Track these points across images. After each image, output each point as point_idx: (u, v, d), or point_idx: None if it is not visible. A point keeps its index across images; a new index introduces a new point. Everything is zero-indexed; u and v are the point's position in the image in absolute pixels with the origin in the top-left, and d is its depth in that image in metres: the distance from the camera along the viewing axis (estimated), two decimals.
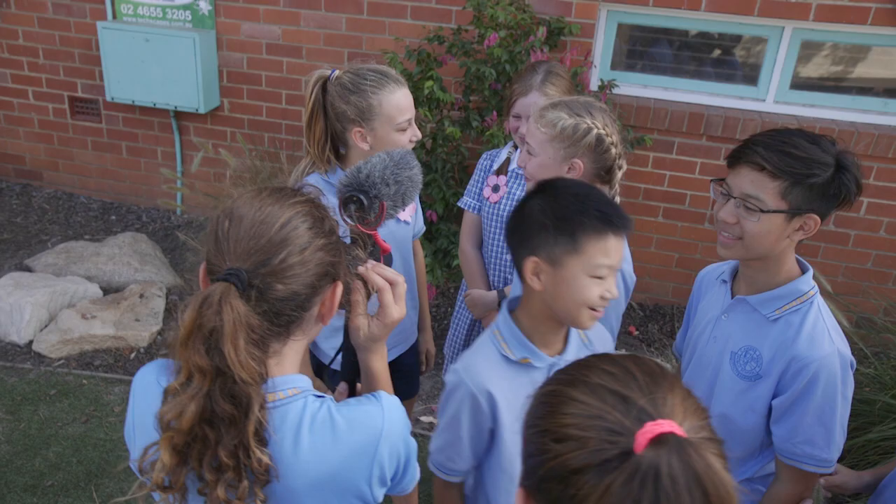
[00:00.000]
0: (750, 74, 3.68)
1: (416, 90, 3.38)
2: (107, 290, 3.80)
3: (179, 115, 4.34)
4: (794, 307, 1.47)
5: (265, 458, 0.96)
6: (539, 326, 1.39)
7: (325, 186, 1.87)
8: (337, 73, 1.79)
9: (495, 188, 2.23)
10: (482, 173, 2.30)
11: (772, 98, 3.64)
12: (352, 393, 1.28)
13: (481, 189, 2.28)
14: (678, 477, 0.64)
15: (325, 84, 1.80)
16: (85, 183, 4.75)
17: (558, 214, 1.29)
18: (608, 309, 1.65)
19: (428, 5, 3.75)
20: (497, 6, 3.27)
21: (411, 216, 2.02)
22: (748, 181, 1.41)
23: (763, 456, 1.59)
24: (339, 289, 1.08)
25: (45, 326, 3.46)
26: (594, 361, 0.77)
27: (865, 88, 3.60)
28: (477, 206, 2.29)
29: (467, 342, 2.43)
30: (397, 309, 1.17)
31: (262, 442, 0.97)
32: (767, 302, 1.49)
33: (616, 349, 2.98)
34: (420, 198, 3.58)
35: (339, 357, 1.29)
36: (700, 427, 0.71)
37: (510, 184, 2.20)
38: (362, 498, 1.06)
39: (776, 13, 3.42)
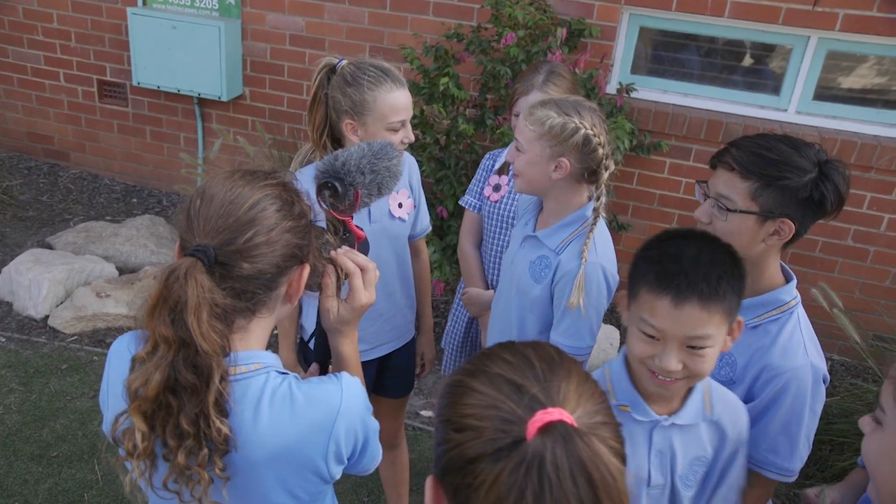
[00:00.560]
0: (772, 83, 3.63)
1: (431, 86, 3.40)
2: (122, 271, 3.88)
3: (203, 101, 4.41)
4: (773, 316, 1.47)
5: (224, 428, 0.99)
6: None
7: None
8: (344, 62, 1.80)
9: (496, 187, 2.23)
10: (484, 173, 2.31)
11: (794, 108, 3.59)
12: (323, 374, 1.31)
13: (482, 188, 2.29)
14: (562, 465, 0.65)
15: (330, 72, 1.82)
16: (109, 165, 4.85)
17: (648, 255, 1.26)
18: (587, 304, 1.66)
19: (450, 2, 3.76)
20: (516, 6, 3.27)
21: (408, 213, 2.01)
22: (721, 181, 1.43)
23: None
24: (306, 271, 1.11)
25: (62, 303, 3.55)
26: (496, 351, 0.79)
27: (891, 102, 3.52)
28: (477, 206, 2.30)
29: (465, 339, 2.44)
30: (366, 294, 1.19)
31: (223, 413, 1.00)
32: (748, 309, 1.48)
33: None
34: (428, 196, 3.60)
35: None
36: (595, 412, 0.72)
37: (511, 183, 2.20)
38: (319, 474, 1.09)
39: (802, 22, 3.37)
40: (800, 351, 1.43)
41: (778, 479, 1.48)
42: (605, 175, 1.65)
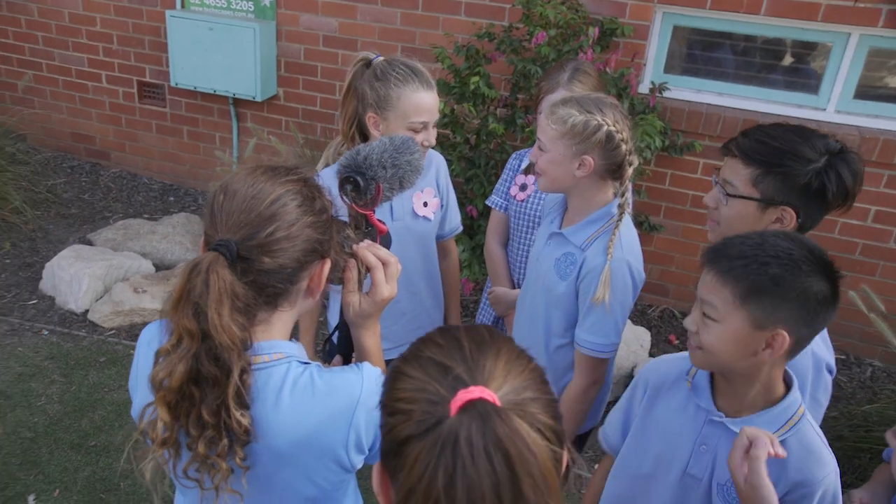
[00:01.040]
0: (810, 82, 3.55)
1: (462, 85, 3.41)
2: (159, 267, 3.98)
3: (238, 102, 4.49)
4: None
5: (244, 420, 1.01)
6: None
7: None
8: (380, 59, 1.84)
9: (523, 187, 2.23)
10: (510, 172, 2.31)
11: (833, 107, 3.50)
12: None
13: (509, 188, 2.29)
14: (477, 442, 0.66)
15: (366, 65, 1.86)
16: (148, 164, 4.97)
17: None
18: (613, 300, 1.66)
19: (481, 2, 3.77)
20: (547, 5, 3.26)
21: (434, 212, 2.02)
22: (728, 167, 1.46)
23: None
24: (327, 265, 1.12)
25: (100, 297, 3.65)
26: (432, 335, 0.80)
27: None
28: (504, 205, 2.30)
29: None
30: (388, 288, 1.20)
31: (244, 405, 1.02)
32: None
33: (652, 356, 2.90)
34: (458, 195, 3.61)
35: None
36: (523, 388, 0.72)
37: (538, 182, 2.20)
38: (339, 462, 1.10)
39: (842, 18, 3.29)
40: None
41: None
42: (630, 171, 1.65)
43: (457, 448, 0.66)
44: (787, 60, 3.60)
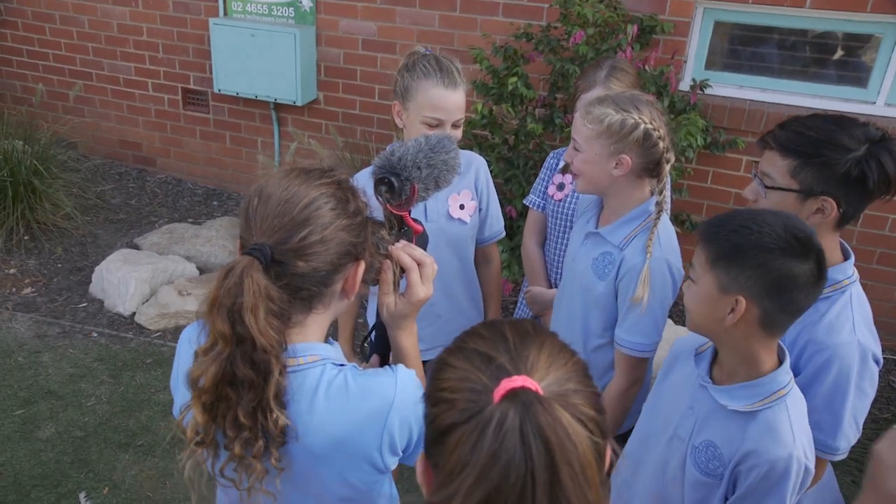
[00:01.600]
0: (858, 75, 3.44)
1: (500, 86, 3.41)
2: (203, 270, 4.06)
3: (279, 107, 4.56)
4: (825, 294, 1.45)
5: (283, 419, 1.02)
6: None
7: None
8: (427, 52, 1.86)
9: (560, 186, 2.22)
10: (548, 172, 2.29)
11: (883, 100, 3.39)
12: (383, 366, 1.31)
13: (546, 187, 2.27)
14: (517, 427, 0.66)
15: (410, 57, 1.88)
16: (192, 170, 5.08)
17: None
18: (652, 299, 1.64)
19: (519, 3, 3.76)
20: (585, 3, 3.23)
21: (470, 215, 2.00)
22: (766, 160, 1.44)
23: None
24: (362, 267, 1.13)
25: (147, 300, 3.75)
26: (476, 328, 0.80)
27: None
28: (542, 204, 2.28)
29: None
30: (423, 288, 1.20)
31: (282, 405, 1.03)
32: None
33: None
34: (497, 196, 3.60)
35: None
36: (565, 380, 0.72)
37: (575, 184, 2.18)
38: (373, 464, 1.11)
39: (893, 9, 3.19)
40: (846, 328, 1.42)
41: (820, 456, 1.46)
42: (667, 168, 1.62)
43: (496, 432, 0.67)
44: (834, 53, 3.50)
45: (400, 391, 1.10)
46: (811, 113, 1.49)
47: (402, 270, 1.22)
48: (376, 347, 1.34)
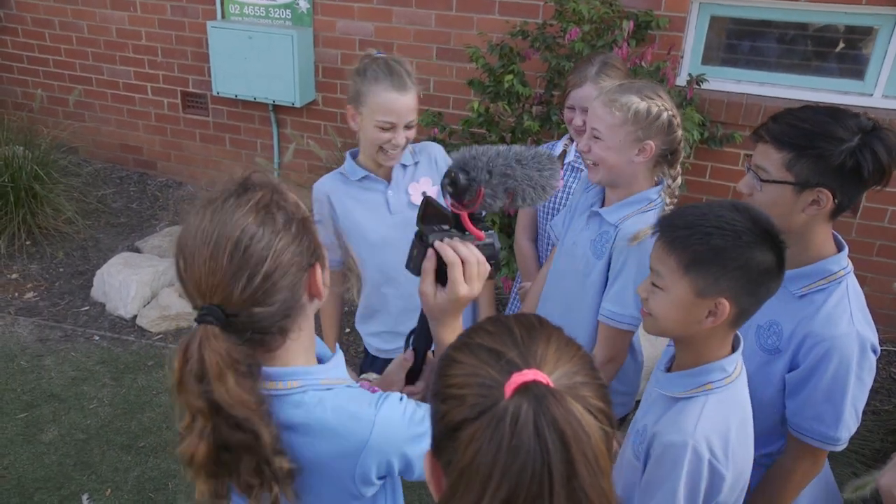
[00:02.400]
0: (855, 68, 3.44)
1: (496, 84, 3.41)
2: None
3: (277, 108, 4.58)
4: (820, 286, 1.46)
5: (286, 465, 1.00)
6: None
7: (336, 175, 1.99)
8: (381, 55, 1.86)
9: None
10: None
11: (880, 92, 3.39)
12: (420, 361, 1.29)
13: None
14: (531, 421, 0.66)
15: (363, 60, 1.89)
16: (192, 173, 5.10)
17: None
18: (638, 272, 1.66)
19: (515, 1, 3.76)
20: (580, 0, 3.23)
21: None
22: (759, 153, 1.44)
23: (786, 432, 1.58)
24: (319, 271, 1.08)
25: (148, 303, 3.76)
26: (482, 323, 0.80)
27: None
28: None
29: None
30: (465, 287, 1.14)
31: (281, 451, 1.00)
32: (794, 279, 1.48)
33: None
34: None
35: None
36: (574, 373, 0.72)
37: (566, 177, 2.19)
38: (349, 492, 1.08)
39: (888, 0, 3.18)
40: (844, 319, 1.42)
41: (822, 447, 1.47)
42: (682, 156, 1.67)
43: (511, 427, 0.67)
44: (830, 46, 3.49)
45: (376, 434, 1.05)
46: (803, 105, 1.49)
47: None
48: (415, 341, 1.30)
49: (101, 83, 5.06)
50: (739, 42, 3.62)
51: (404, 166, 1.98)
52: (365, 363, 2.20)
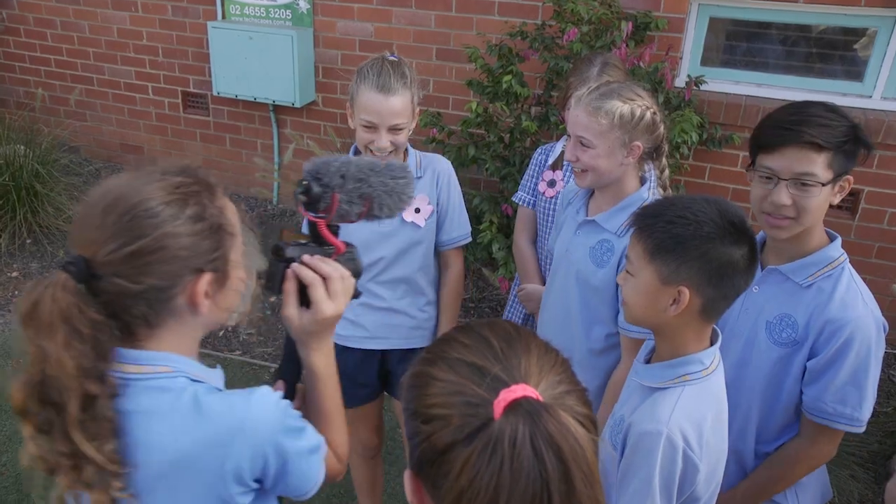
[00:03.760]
0: (854, 69, 3.44)
1: (495, 84, 3.42)
2: None
3: (277, 108, 4.59)
4: (826, 273, 1.49)
5: (96, 454, 0.92)
6: None
7: None
8: (392, 58, 1.86)
9: (551, 183, 2.22)
10: (537, 168, 2.30)
11: (879, 94, 3.39)
12: (290, 392, 1.21)
13: (536, 184, 2.28)
14: (530, 441, 0.65)
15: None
16: None
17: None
18: None
19: (515, 1, 3.77)
20: (579, 0, 3.24)
21: (425, 219, 1.98)
22: (797, 160, 1.42)
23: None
24: (204, 280, 1.00)
25: None
26: (453, 335, 0.78)
27: None
28: (531, 201, 2.29)
29: None
30: (331, 305, 1.09)
31: (99, 436, 0.93)
32: (800, 269, 1.51)
33: None
34: (494, 194, 3.61)
35: None
36: (558, 382, 0.71)
37: (566, 178, 2.19)
38: (218, 495, 0.99)
39: (887, 2, 3.18)
40: (858, 302, 1.46)
41: (848, 429, 1.50)
42: (666, 148, 1.70)
43: (510, 450, 0.65)
44: (829, 48, 3.49)
45: (251, 417, 0.98)
46: (788, 104, 1.51)
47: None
48: (281, 372, 1.22)
49: (103, 83, 5.07)
50: (738, 43, 3.62)
51: None
52: None
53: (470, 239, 2.11)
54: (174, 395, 0.98)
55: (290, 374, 1.21)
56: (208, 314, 1.03)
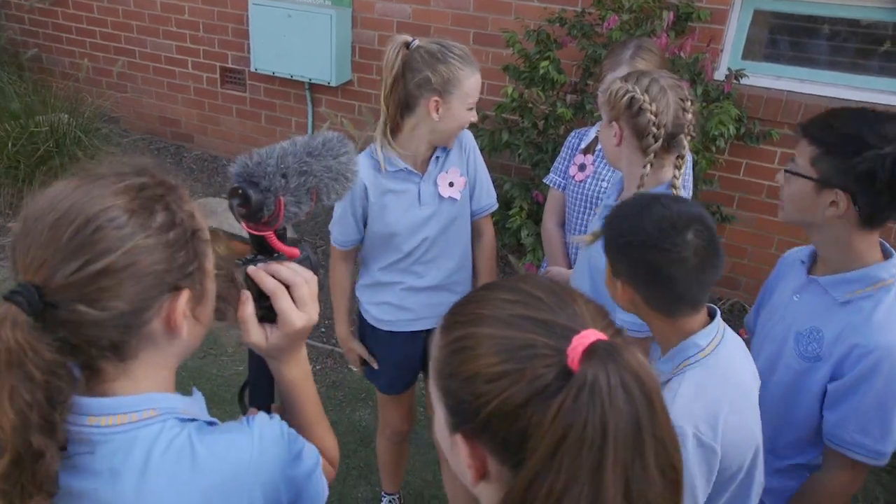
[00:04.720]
0: None
1: (532, 70, 3.40)
2: None
3: (313, 87, 4.61)
4: (867, 293, 1.42)
5: None
6: None
7: (370, 162, 1.93)
8: (418, 41, 1.83)
9: (581, 167, 2.21)
10: (569, 151, 2.29)
11: None
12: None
13: (567, 167, 2.27)
14: (617, 380, 0.66)
15: (404, 50, 1.82)
16: (227, 147, 5.18)
17: None
18: None
19: None
20: None
21: (460, 191, 1.99)
22: (798, 146, 1.44)
23: (821, 443, 1.52)
24: (183, 298, 0.86)
25: None
26: (486, 295, 0.76)
27: None
28: (562, 184, 2.28)
29: None
30: (300, 315, 0.96)
31: (40, 491, 0.78)
32: (839, 284, 1.45)
33: None
34: (525, 180, 3.59)
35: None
36: (608, 325, 0.73)
37: (597, 163, 2.17)
38: None
39: None
40: (895, 328, 1.38)
41: (867, 461, 1.42)
42: (655, 145, 1.56)
43: (606, 391, 0.65)
44: (877, 44, 3.40)
45: (259, 452, 0.88)
46: (847, 106, 1.49)
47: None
48: (252, 399, 1.09)
49: (144, 56, 5.15)
50: (782, 37, 3.55)
51: (437, 157, 1.96)
52: (363, 332, 2.18)
53: (497, 205, 2.15)
54: (165, 444, 0.84)
55: (263, 397, 1.09)
56: (188, 337, 0.89)
